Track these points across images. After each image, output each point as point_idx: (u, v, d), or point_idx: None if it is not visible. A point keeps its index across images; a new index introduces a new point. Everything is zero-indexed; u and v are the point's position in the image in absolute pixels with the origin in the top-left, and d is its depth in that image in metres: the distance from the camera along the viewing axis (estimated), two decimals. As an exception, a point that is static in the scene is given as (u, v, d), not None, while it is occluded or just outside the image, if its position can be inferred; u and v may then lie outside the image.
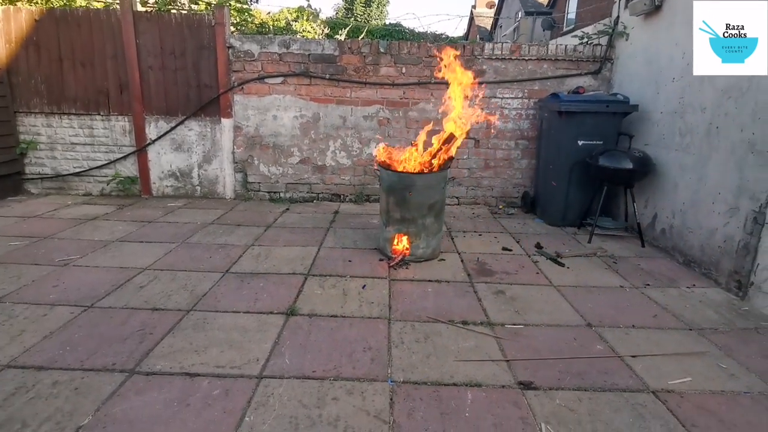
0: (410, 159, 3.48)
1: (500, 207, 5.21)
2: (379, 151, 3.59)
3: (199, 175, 5.23)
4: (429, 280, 3.11)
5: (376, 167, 4.07)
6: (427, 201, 3.33)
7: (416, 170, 3.40)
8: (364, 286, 2.98)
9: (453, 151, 3.48)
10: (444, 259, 3.52)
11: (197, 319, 2.51)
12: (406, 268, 3.32)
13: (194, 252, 3.53)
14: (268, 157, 5.18)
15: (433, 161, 3.46)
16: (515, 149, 5.17)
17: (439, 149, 3.48)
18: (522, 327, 2.53)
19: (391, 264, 3.33)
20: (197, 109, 5.03)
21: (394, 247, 3.45)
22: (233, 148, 5.15)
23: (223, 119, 5.06)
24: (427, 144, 3.64)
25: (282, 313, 2.59)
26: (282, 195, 5.28)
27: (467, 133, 3.52)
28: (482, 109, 5.00)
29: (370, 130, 5.12)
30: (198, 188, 5.27)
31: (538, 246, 3.88)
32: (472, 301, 2.83)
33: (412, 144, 3.61)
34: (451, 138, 3.48)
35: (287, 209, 4.92)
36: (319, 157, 5.19)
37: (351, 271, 3.22)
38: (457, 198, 5.31)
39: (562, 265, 3.47)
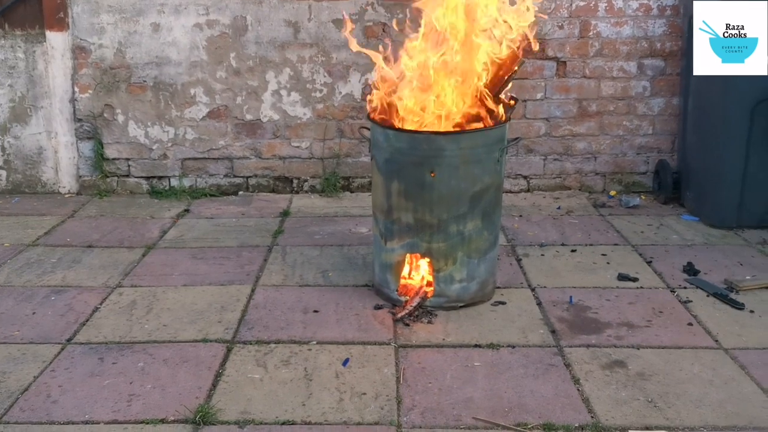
0: (431, 104, 3.51)
1: (611, 193, 5.27)
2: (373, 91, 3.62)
3: (3, 148, 5.28)
4: (475, 345, 3.14)
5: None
6: (468, 187, 3.36)
7: (445, 126, 3.44)
8: (346, 362, 3.00)
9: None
10: (503, 302, 3.56)
11: (15, 437, 2.54)
12: (430, 321, 3.36)
13: (1, 304, 3.57)
14: (144, 107, 5.22)
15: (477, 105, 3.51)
16: (638, 77, 5.22)
17: (497, 78, 3.52)
18: (663, 433, 2.57)
19: (398, 315, 3.36)
20: (-2, 16, 5.08)
21: (403, 280, 3.49)
22: (73, 91, 5.20)
23: (49, 33, 5.11)
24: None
25: (184, 421, 2.60)
26: (175, 182, 5.34)
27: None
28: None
29: (348, 48, 5.14)
30: (3, 174, 5.32)
31: (690, 270, 3.92)
32: (562, 382, 2.85)
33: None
34: (514, 59, 3.52)
35: (186, 210, 4.97)
36: (248, 105, 5.24)
37: (319, 332, 3.25)
38: (525, 178, 5.37)
39: (740, 307, 3.50)
